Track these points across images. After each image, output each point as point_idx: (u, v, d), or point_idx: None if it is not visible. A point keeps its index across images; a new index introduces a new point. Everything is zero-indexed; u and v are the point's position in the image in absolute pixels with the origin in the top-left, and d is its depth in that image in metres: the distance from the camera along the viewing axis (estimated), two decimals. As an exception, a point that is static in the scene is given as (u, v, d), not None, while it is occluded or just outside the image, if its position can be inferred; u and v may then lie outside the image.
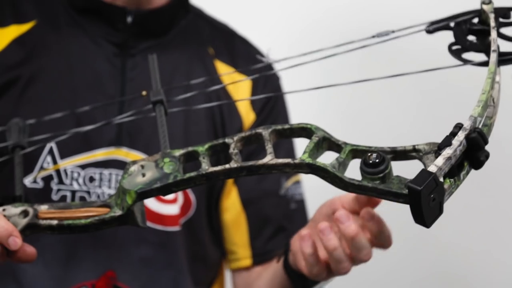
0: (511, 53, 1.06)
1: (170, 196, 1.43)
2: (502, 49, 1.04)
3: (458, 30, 1.12)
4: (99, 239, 1.41)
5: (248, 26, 1.67)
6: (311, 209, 1.50)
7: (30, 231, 1.03)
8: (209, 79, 1.43)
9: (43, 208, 1.04)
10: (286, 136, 1.01)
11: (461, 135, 0.91)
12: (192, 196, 1.47)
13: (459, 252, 2.02)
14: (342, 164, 0.95)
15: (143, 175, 0.99)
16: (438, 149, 0.91)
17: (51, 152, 1.39)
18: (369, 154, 0.93)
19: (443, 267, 2.05)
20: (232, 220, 1.53)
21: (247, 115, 1.53)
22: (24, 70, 1.42)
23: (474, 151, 0.92)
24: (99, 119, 1.36)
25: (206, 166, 0.98)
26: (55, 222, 1.02)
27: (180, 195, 1.45)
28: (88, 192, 1.41)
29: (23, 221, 1.02)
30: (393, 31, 1.14)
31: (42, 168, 1.40)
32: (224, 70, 1.52)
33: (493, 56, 1.01)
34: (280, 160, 0.96)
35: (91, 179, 1.41)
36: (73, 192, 1.41)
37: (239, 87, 1.51)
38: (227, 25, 1.60)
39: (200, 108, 1.38)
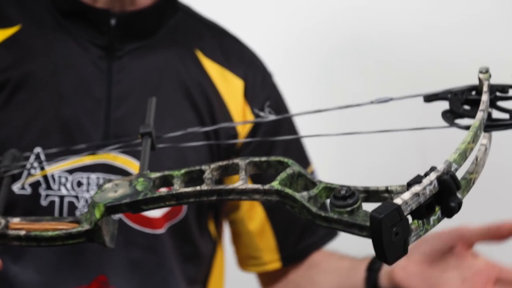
0: (501, 120, 1.06)
1: None
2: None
3: (454, 99, 1.12)
4: (89, 244, 1.40)
5: (243, 27, 1.68)
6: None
7: None
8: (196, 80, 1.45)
9: (16, 220, 1.04)
10: (263, 169, 1.00)
11: (432, 176, 0.89)
12: None
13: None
14: (313, 199, 0.94)
15: (115, 191, 0.99)
16: (407, 185, 0.90)
17: (38, 158, 1.40)
18: (339, 188, 0.92)
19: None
20: (257, 229, 1.56)
21: (243, 118, 1.53)
22: (11, 74, 1.44)
23: (446, 196, 0.90)
24: (86, 124, 1.38)
25: (177, 187, 0.98)
26: (23, 232, 1.01)
27: None
28: (77, 197, 1.41)
29: None
30: (391, 99, 1.15)
31: (29, 174, 1.40)
32: (214, 69, 1.52)
33: (480, 114, 1.01)
34: (250, 186, 0.95)
35: (79, 184, 1.41)
36: (61, 198, 1.41)
37: (230, 88, 1.51)
38: (217, 23, 1.61)
39: (188, 115, 1.40)
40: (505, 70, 1.06)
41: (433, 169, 0.90)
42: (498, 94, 1.10)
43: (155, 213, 1.44)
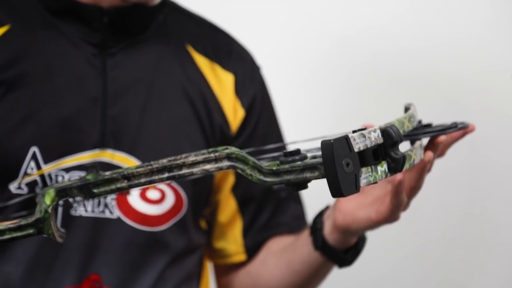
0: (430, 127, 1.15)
1: (156, 196, 1.44)
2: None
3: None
4: (84, 242, 1.39)
5: (246, 30, 1.73)
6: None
7: None
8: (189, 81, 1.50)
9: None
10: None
11: (376, 127, 0.95)
12: (183, 195, 1.45)
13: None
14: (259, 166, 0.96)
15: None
16: (353, 132, 0.94)
17: (34, 157, 1.38)
18: (286, 149, 0.96)
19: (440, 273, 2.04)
20: (227, 220, 1.55)
21: (235, 113, 1.53)
22: (3, 75, 1.42)
23: (389, 147, 0.94)
24: (82, 123, 1.40)
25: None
26: (-28, 231, 1.00)
27: (170, 194, 1.45)
28: None
29: None
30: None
31: (26, 174, 1.37)
32: (205, 64, 1.53)
33: (412, 108, 1.09)
34: (200, 156, 0.97)
35: None
36: None
37: (221, 83, 1.52)
38: (205, 17, 1.61)
39: (184, 110, 1.47)
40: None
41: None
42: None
43: (159, 210, 1.44)
